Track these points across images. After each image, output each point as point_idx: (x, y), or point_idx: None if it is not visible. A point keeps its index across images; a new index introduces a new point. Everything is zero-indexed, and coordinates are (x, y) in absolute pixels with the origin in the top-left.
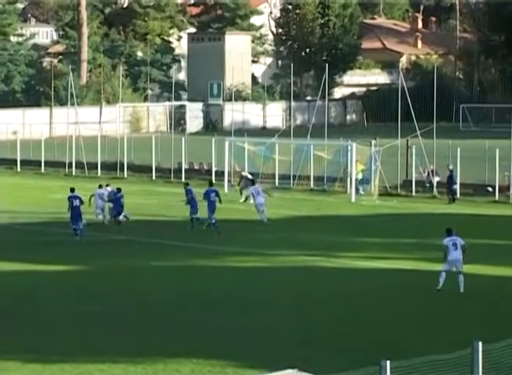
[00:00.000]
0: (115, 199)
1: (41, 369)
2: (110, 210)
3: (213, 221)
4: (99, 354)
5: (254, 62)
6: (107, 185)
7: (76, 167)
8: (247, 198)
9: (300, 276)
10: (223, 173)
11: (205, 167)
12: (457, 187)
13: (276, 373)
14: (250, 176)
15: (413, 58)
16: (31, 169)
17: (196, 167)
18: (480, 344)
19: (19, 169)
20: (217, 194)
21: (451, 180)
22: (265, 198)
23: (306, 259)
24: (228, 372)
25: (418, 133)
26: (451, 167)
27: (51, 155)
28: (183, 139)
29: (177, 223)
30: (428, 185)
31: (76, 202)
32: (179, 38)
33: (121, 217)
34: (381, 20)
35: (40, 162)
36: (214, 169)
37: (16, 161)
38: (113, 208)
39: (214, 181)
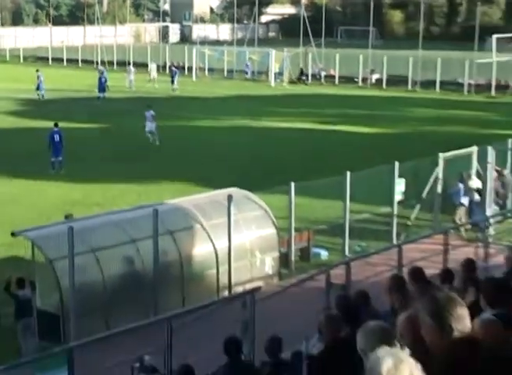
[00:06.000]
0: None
1: None
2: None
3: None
4: None
5: None
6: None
7: None
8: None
9: (231, 133)
10: (191, 68)
11: (181, 65)
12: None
13: (219, 191)
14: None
15: None
16: None
17: (175, 65)
18: None
19: None
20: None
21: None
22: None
23: (236, 122)
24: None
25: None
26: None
27: None
28: (167, 47)
29: None
30: (318, 77)
31: (57, 138)
32: None
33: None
34: None
35: None
36: (186, 66)
37: None
38: None
39: (186, 73)
